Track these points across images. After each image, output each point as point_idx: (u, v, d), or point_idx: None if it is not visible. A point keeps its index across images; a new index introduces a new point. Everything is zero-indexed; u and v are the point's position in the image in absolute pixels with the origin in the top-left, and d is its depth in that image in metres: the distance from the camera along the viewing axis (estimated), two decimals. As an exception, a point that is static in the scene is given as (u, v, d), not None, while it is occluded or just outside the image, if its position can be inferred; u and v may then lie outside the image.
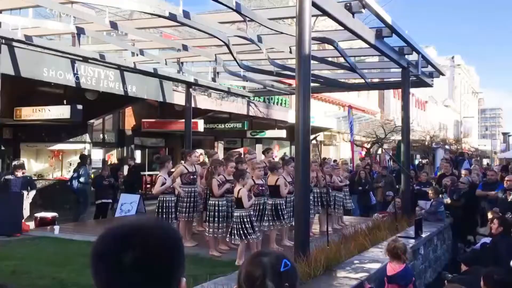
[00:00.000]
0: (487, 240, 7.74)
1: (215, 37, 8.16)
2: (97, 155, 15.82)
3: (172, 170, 8.67)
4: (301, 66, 5.96)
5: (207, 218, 7.67)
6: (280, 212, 7.80)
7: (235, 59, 9.57)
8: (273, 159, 10.74)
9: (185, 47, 9.86)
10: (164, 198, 7.68)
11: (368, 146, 26.62)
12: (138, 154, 17.41)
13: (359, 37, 7.78)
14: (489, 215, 8.05)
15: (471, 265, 6.52)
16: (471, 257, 7.31)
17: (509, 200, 9.28)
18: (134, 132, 16.79)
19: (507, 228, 6.92)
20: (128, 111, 16.37)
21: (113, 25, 8.31)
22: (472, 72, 72.82)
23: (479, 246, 7.82)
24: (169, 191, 7.82)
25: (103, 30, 9.27)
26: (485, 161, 53.43)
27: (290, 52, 9.36)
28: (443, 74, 13.00)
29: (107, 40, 10.44)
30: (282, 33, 8.23)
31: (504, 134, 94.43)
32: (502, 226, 6.84)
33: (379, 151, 27.98)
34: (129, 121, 16.64)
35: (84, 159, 13.07)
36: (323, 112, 25.36)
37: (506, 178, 10.12)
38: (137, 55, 10.86)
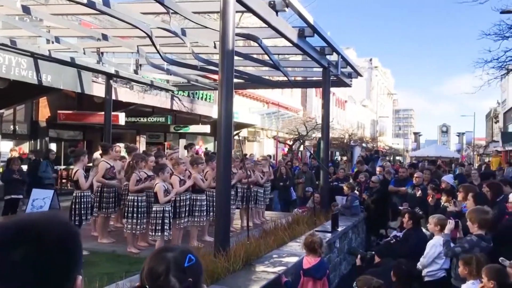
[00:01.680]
0: (398, 233, 8.22)
1: (137, 27, 7.92)
2: (6, 147, 14.78)
3: (89, 164, 8.35)
4: (224, 62, 5.96)
5: (126, 214, 7.45)
6: (198, 208, 7.77)
7: (158, 52, 9.36)
8: (196, 154, 10.67)
9: (105, 37, 9.49)
10: (80, 194, 7.34)
11: (291, 143, 27.28)
12: (53, 147, 16.50)
13: (282, 35, 7.91)
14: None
15: (383, 257, 6.91)
16: (384, 249, 7.73)
17: (417, 195, 9.91)
18: (49, 124, 15.89)
19: (417, 222, 7.39)
20: (43, 101, 15.45)
21: (26, 10, 7.80)
22: (388, 74, 76.87)
23: (391, 238, 8.30)
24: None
25: (14, 14, 8.67)
26: (398, 159, 56.79)
27: (215, 47, 9.33)
28: (361, 75, 13.60)
29: (19, 25, 9.77)
30: (206, 27, 8.17)
31: (415, 133, 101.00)
32: (411, 220, 7.28)
33: (301, 148, 28.76)
34: (44, 112, 15.71)
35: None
36: (248, 108, 25.58)
37: (415, 175, 10.81)
38: (52, 42, 10.29)
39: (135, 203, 7.28)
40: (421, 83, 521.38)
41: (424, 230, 7.39)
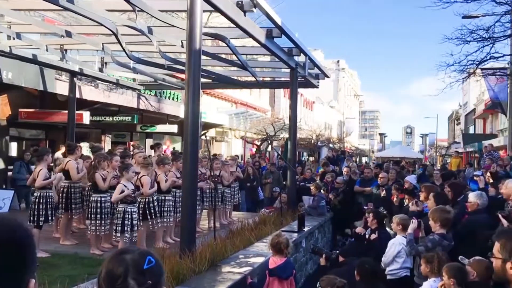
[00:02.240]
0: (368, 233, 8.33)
1: (102, 25, 7.76)
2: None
3: (52, 164, 8.14)
4: (191, 61, 5.92)
5: (89, 215, 7.29)
6: (165, 208, 7.69)
7: (124, 50, 9.20)
8: (163, 154, 10.54)
9: (68, 34, 9.26)
10: (43, 194, 7.12)
11: (259, 143, 27.35)
12: (14, 146, 15.99)
13: (250, 35, 7.91)
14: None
15: (347, 257, 6.99)
16: (348, 249, 7.83)
17: (382, 195, 10.09)
18: (10, 122, 15.37)
19: (381, 222, 7.51)
20: (3, 99, 14.92)
21: (-15, 4, 7.52)
22: (355, 76, 78.14)
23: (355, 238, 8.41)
24: (49, 186, 7.30)
25: (-28, 8, 8.35)
26: (364, 159, 57.79)
27: (182, 46, 9.25)
28: (328, 76, 13.76)
29: (-23, 20, 9.43)
30: (173, 26, 8.08)
31: (380, 134, 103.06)
32: (376, 219, 7.40)
33: (269, 148, 28.87)
34: (4, 110, 15.19)
35: None
36: (216, 108, 25.48)
37: (380, 175, 11.01)
38: (13, 38, 9.96)
39: (99, 204, 7.14)
40: (387, 85, 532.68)
41: (388, 229, 7.53)
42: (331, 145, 39.68)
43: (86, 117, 14.73)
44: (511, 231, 2.36)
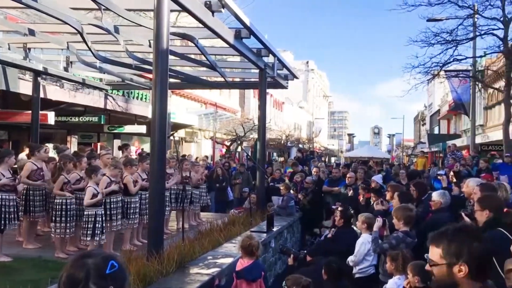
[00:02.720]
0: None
1: (66, 23, 7.58)
2: None
3: (15, 166, 7.90)
4: (158, 61, 5.87)
5: (53, 217, 7.11)
6: (132, 210, 7.59)
7: (89, 49, 9.03)
8: (131, 155, 10.40)
9: (32, 32, 9.02)
10: (3, 196, 6.90)
11: (228, 143, 27.32)
12: (-25, 147, 15.47)
13: (219, 36, 7.90)
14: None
15: (315, 256, 7.06)
16: (316, 248, 7.91)
17: (349, 195, 10.25)
18: (-29, 123, 14.87)
19: (348, 220, 7.62)
20: (-36, 99, 14.43)
21: None
22: (324, 77, 78.97)
23: (323, 237, 8.51)
24: (9, 189, 7.06)
25: None
26: (333, 159, 58.48)
27: (150, 45, 9.14)
28: (297, 77, 13.86)
29: None
30: (140, 25, 7.98)
31: (349, 135, 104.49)
32: (343, 218, 7.49)
33: (239, 149, 28.87)
34: (-36, 111, 14.68)
35: None
36: (185, 108, 25.31)
37: (347, 175, 11.18)
38: (-26, 36, 9.63)
39: (64, 206, 6.98)
40: (355, 87, 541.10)
41: (355, 228, 7.64)
42: (300, 146, 39.99)
43: (51, 117, 14.37)
44: (445, 232, 2.16)
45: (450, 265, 1.98)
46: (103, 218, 6.85)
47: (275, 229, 8.73)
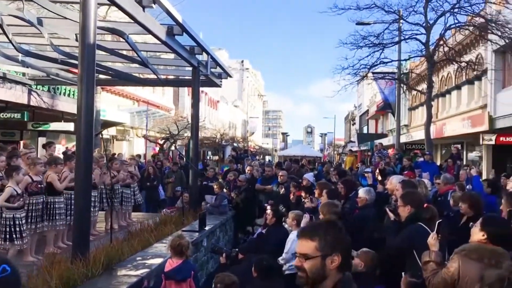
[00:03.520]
0: (263, 230, 8.53)
1: (-17, 13, 7.11)
2: None
3: None
4: (84, 55, 5.65)
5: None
6: (56, 211, 7.24)
7: (10, 41, 8.50)
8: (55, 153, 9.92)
9: None
10: None
11: (162, 142, 26.84)
12: None
13: (150, 32, 7.73)
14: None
15: (247, 254, 7.10)
16: (247, 246, 7.96)
17: (281, 193, 10.41)
18: None
19: (279, 219, 7.73)
20: None
21: None
22: (259, 77, 79.70)
23: (255, 236, 8.58)
24: None
25: None
26: (267, 158, 59.21)
27: (76, 39, 8.76)
28: (230, 76, 13.87)
29: None
30: (66, 18, 7.64)
31: (283, 134, 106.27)
32: (275, 217, 7.59)
33: (173, 147, 28.47)
34: None
35: None
36: (117, 106, 24.57)
37: (279, 174, 11.35)
38: None
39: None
40: (289, 86, 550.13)
41: (286, 226, 7.77)
42: (235, 144, 40.12)
43: (-32, 113, 13.44)
44: (319, 226, 2.24)
45: (324, 257, 2.04)
46: (22, 221, 6.45)
47: (207, 228, 8.69)
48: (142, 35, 9.58)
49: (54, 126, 18.08)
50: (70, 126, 18.28)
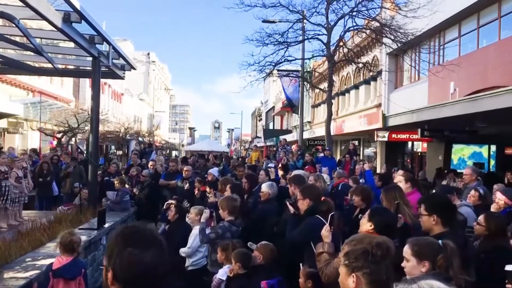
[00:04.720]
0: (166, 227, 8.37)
1: None
2: None
3: None
4: (-35, 39, 5.12)
5: None
6: None
7: None
8: None
9: None
10: None
11: (60, 135, 25.31)
12: None
13: (43, 17, 7.23)
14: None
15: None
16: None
17: (186, 188, 10.29)
18: None
19: (183, 215, 7.63)
20: None
21: None
22: (165, 70, 78.11)
23: (160, 231, 8.40)
24: None
25: None
26: (174, 153, 58.42)
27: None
28: (134, 68, 13.42)
29: None
30: None
31: (190, 128, 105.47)
32: (178, 213, 7.48)
33: (72, 141, 26.96)
34: None
35: None
36: (8, 96, 22.72)
37: (184, 169, 11.23)
38: None
39: None
40: (197, 81, 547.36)
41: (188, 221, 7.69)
42: (140, 139, 38.99)
43: None
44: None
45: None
46: None
47: (107, 225, 8.36)
48: (37, 20, 8.94)
49: None
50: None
